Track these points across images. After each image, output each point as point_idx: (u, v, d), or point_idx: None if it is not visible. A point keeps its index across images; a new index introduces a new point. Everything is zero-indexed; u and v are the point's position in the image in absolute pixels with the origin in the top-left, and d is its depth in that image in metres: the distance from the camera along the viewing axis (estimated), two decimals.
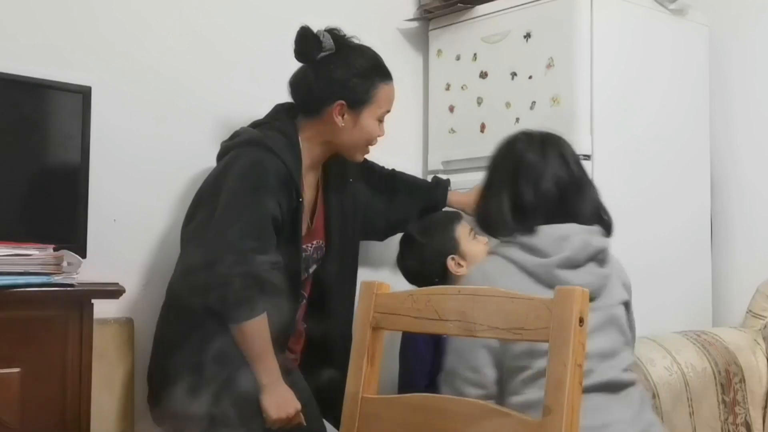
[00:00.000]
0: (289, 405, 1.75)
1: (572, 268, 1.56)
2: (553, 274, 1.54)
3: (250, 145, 1.81)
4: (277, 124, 1.88)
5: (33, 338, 1.50)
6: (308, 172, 1.93)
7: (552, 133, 1.73)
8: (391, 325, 1.37)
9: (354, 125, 1.89)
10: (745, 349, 2.16)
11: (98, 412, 1.65)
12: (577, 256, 1.57)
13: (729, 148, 2.53)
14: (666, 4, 2.33)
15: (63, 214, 1.78)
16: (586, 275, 1.56)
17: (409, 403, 1.32)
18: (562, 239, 1.57)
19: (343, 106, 1.87)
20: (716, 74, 2.51)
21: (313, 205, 1.98)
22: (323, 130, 1.90)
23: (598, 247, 1.60)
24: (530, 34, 2.24)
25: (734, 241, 2.52)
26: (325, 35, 1.86)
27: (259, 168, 1.76)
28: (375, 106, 1.89)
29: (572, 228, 1.60)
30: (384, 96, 1.91)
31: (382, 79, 1.91)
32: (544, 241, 1.57)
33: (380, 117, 1.92)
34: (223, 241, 1.69)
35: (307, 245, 1.93)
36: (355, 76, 1.87)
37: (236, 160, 1.79)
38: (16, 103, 1.74)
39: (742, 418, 2.09)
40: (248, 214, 1.72)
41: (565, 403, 1.09)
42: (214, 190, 1.78)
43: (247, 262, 1.68)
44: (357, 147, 1.94)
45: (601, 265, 1.61)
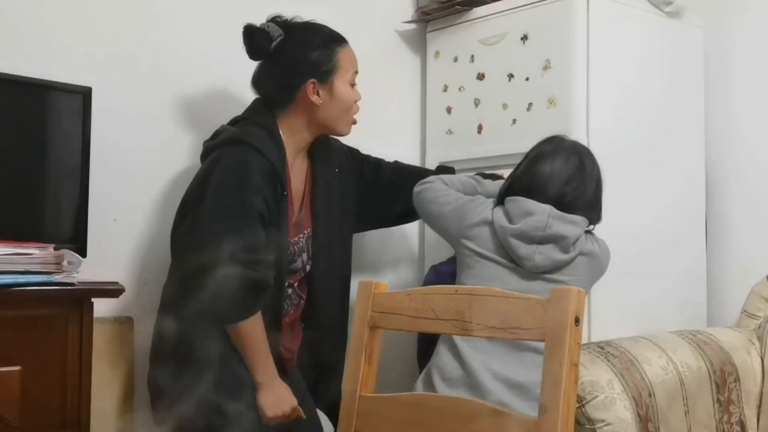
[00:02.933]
0: (286, 402, 1.76)
1: (525, 242, 1.76)
2: (506, 239, 1.78)
3: (231, 144, 1.80)
4: (256, 118, 1.87)
5: (33, 337, 1.51)
6: (295, 160, 1.92)
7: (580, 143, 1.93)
8: (389, 324, 1.38)
9: (330, 97, 1.88)
10: (740, 348, 2.17)
11: (98, 410, 1.65)
12: (531, 233, 1.76)
13: (724, 150, 2.54)
14: (661, 6, 2.34)
15: (63, 213, 1.79)
16: (537, 254, 1.76)
17: (407, 402, 1.33)
18: (527, 213, 1.77)
19: (314, 83, 1.86)
20: (711, 76, 2.52)
21: (302, 194, 1.96)
22: (303, 114, 1.89)
23: (559, 232, 1.76)
24: (527, 36, 2.25)
25: (729, 242, 2.53)
26: (270, 25, 1.86)
27: (242, 166, 1.75)
28: (342, 71, 1.89)
29: (541, 208, 1.77)
30: (346, 59, 1.91)
31: (338, 44, 1.90)
32: (513, 210, 1.80)
33: (351, 80, 1.92)
34: (213, 243, 1.68)
35: (299, 236, 1.91)
36: (313, 51, 1.87)
37: (219, 160, 1.78)
38: (17, 103, 1.75)
39: (737, 417, 2.10)
40: (236, 214, 1.72)
41: (561, 401, 1.09)
42: (200, 193, 1.77)
43: (238, 262, 1.68)
44: (340, 118, 1.92)
45: (564, 251, 1.77)
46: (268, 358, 1.76)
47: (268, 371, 1.76)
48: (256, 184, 1.75)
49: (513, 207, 1.80)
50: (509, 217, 1.80)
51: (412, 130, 2.60)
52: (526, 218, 1.76)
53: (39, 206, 1.78)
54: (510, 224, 1.78)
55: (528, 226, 1.76)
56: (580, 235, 1.80)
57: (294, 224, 1.90)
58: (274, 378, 1.77)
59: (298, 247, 1.91)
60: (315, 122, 1.90)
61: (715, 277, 2.50)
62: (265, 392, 1.75)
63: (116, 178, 1.98)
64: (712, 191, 2.52)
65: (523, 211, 1.78)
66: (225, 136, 1.83)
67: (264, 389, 1.75)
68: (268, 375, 1.76)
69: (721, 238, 2.54)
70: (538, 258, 1.76)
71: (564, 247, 1.77)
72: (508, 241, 1.77)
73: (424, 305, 1.30)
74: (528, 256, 1.76)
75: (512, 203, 1.81)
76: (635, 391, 1.87)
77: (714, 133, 2.53)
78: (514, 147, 2.20)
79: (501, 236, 1.79)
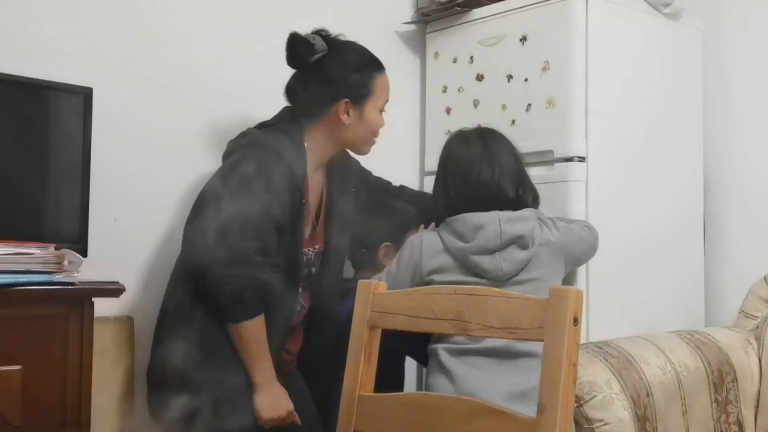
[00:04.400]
0: (281, 406, 1.77)
1: (485, 254, 1.77)
2: (468, 258, 1.77)
3: (255, 147, 1.82)
4: (283, 126, 1.89)
5: (34, 336, 1.52)
6: (314, 173, 1.94)
7: (485, 128, 1.94)
8: (388, 324, 1.38)
9: (359, 120, 1.91)
10: (737, 348, 2.18)
11: (98, 409, 1.65)
12: (489, 245, 1.76)
13: (722, 151, 2.55)
14: (660, 8, 2.35)
15: (64, 213, 1.80)
16: (502, 261, 1.76)
17: (406, 401, 1.33)
18: (478, 228, 1.77)
19: (347, 103, 1.88)
20: (710, 77, 2.53)
21: (318, 208, 1.99)
22: (329, 130, 1.91)
23: (514, 234, 1.77)
24: (526, 37, 2.26)
25: (727, 243, 2.54)
26: (316, 38, 1.87)
27: (263, 170, 1.77)
28: (375, 97, 1.92)
29: (489, 217, 1.78)
30: (381, 86, 1.94)
31: (377, 70, 1.93)
32: (463, 228, 1.79)
33: (381, 107, 1.95)
34: (224, 242, 1.70)
35: (310, 249, 1.93)
36: (352, 72, 1.89)
37: (241, 161, 1.80)
38: (18, 103, 1.75)
39: (735, 417, 2.11)
40: (251, 215, 1.73)
41: (560, 401, 1.10)
42: (218, 190, 1.79)
43: (247, 262, 1.70)
44: (364, 141, 1.96)
45: (524, 248, 1.78)
46: (267, 361, 1.77)
47: (266, 373, 1.77)
48: (275, 188, 1.77)
49: (460, 226, 1.79)
50: (461, 237, 1.79)
51: (411, 130, 2.60)
52: (479, 232, 1.76)
53: (40, 206, 1.78)
54: (465, 243, 1.77)
55: (484, 239, 1.76)
56: (534, 227, 1.79)
57: (308, 237, 1.92)
58: (272, 380, 1.78)
59: (307, 258, 1.93)
60: (339, 140, 1.93)
61: (713, 278, 2.51)
62: (262, 394, 1.76)
63: (117, 178, 1.98)
64: (710, 192, 2.53)
65: (473, 226, 1.77)
66: (250, 138, 1.85)
67: (261, 391, 1.76)
68: (266, 377, 1.77)
69: (719, 239, 2.55)
70: (504, 265, 1.75)
71: (523, 245, 1.77)
72: (470, 260, 1.77)
73: (424, 305, 1.31)
74: (494, 267, 1.76)
75: (457, 222, 1.80)
76: (633, 391, 1.87)
77: (712, 134, 2.54)
78: None
79: (461, 258, 1.78)
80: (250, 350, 1.75)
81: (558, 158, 2.16)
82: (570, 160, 2.14)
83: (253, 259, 1.71)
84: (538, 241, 1.79)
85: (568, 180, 2.14)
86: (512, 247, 1.77)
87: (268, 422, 1.76)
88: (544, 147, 2.18)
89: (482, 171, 1.83)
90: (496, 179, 1.82)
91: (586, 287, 2.09)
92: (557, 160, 2.16)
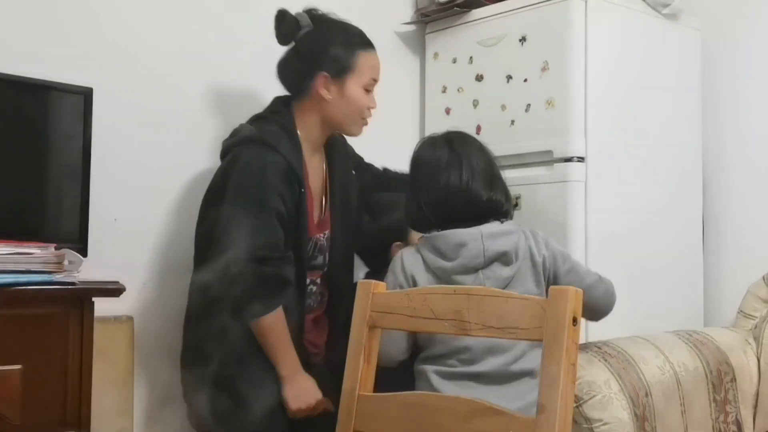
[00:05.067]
0: (310, 395, 1.77)
1: (468, 273, 1.69)
2: (451, 278, 1.69)
3: (248, 143, 1.82)
4: (273, 116, 1.89)
5: (34, 336, 1.52)
6: (312, 157, 1.93)
7: (453, 131, 1.85)
8: (388, 323, 1.39)
9: (341, 96, 1.88)
10: (736, 348, 2.18)
11: (98, 408, 1.66)
12: (472, 263, 1.69)
13: (720, 152, 2.56)
14: (659, 8, 2.35)
15: (64, 213, 1.80)
16: (485, 279, 1.68)
17: (405, 401, 1.33)
18: (460, 246, 1.69)
19: (326, 77, 1.87)
20: (708, 78, 2.53)
21: (323, 193, 1.97)
22: (314, 107, 1.90)
23: (497, 251, 1.69)
24: (525, 37, 2.26)
25: (725, 243, 2.54)
26: (302, 15, 1.88)
27: (258, 165, 1.78)
28: (357, 74, 1.89)
29: (471, 234, 1.69)
30: (366, 63, 1.90)
31: (362, 47, 1.91)
32: (444, 246, 1.71)
33: (367, 86, 1.91)
34: (233, 241, 1.71)
35: (321, 235, 1.93)
36: (334, 46, 1.88)
37: (237, 159, 1.80)
38: (19, 103, 1.75)
39: (733, 417, 2.11)
40: (254, 212, 1.74)
41: (559, 401, 1.10)
42: (220, 190, 1.80)
43: (258, 259, 1.71)
44: (350, 119, 1.91)
45: (505, 264, 1.71)
46: (291, 352, 1.78)
47: (291, 365, 1.77)
48: (273, 182, 1.77)
49: (442, 243, 1.71)
50: (443, 255, 1.71)
51: (411, 130, 2.61)
52: (461, 250, 1.69)
53: (40, 206, 1.79)
54: (448, 262, 1.70)
55: (467, 258, 1.68)
56: (518, 241, 1.72)
57: (317, 222, 1.92)
58: (298, 371, 1.78)
59: (320, 244, 1.93)
60: (324, 118, 1.91)
61: (712, 278, 2.52)
62: (289, 385, 1.76)
63: (117, 178, 1.99)
64: (709, 192, 2.53)
65: (455, 244, 1.69)
66: (242, 135, 1.85)
67: (288, 383, 1.76)
68: (292, 368, 1.77)
69: (717, 239, 2.55)
70: (487, 283, 1.67)
71: (506, 261, 1.70)
72: (453, 280, 1.68)
73: (423, 305, 1.31)
74: (478, 285, 1.66)
75: (438, 240, 1.71)
76: (632, 391, 1.88)
77: (711, 134, 2.54)
78: (512, 148, 2.21)
79: (444, 278, 1.69)
80: (273, 344, 1.76)
81: (557, 158, 2.16)
82: (569, 161, 2.14)
83: (261, 255, 1.72)
84: (522, 256, 1.72)
85: (568, 180, 2.14)
86: (496, 264, 1.70)
87: (298, 413, 1.76)
88: (544, 147, 2.18)
89: (451, 175, 1.73)
90: (464, 183, 1.73)
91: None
92: (556, 161, 2.17)
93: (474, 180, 1.74)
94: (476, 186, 1.73)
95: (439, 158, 1.76)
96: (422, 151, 1.82)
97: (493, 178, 1.78)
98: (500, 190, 1.78)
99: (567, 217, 2.12)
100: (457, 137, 1.82)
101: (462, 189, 1.73)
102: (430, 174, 1.76)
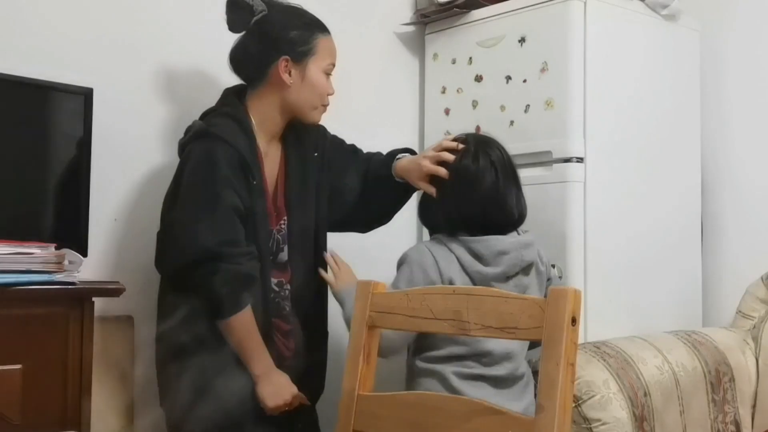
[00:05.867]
0: (286, 390, 1.75)
1: (503, 281, 1.73)
2: (488, 284, 1.70)
3: (199, 138, 1.77)
4: (224, 109, 1.84)
5: (35, 335, 1.52)
6: (269, 147, 1.88)
7: (485, 137, 1.85)
8: (387, 323, 1.39)
9: (302, 80, 1.84)
10: (734, 348, 2.19)
11: (98, 408, 1.66)
12: (510, 272, 1.73)
13: (719, 151, 2.56)
14: (658, 9, 2.36)
15: (64, 213, 1.80)
16: (513, 287, 1.72)
17: (405, 401, 1.34)
18: (502, 253, 1.72)
19: (288, 61, 1.82)
20: (707, 78, 2.54)
21: (276, 181, 1.91)
22: (273, 94, 1.85)
23: (528, 261, 1.76)
24: (525, 38, 2.27)
25: (724, 243, 2.55)
26: (255, 0, 1.83)
27: (210, 160, 1.73)
28: (318, 57, 1.85)
29: (512, 244, 1.74)
30: (325, 47, 1.87)
31: (320, 30, 1.87)
32: (486, 252, 1.72)
33: (326, 70, 1.87)
34: (192, 241, 1.68)
35: (279, 225, 1.88)
36: (294, 29, 1.84)
37: (189, 156, 1.76)
38: (19, 103, 1.75)
39: (732, 417, 2.12)
40: (210, 209, 1.70)
41: (558, 400, 1.11)
42: (175, 191, 1.76)
43: (221, 257, 1.67)
44: (310, 104, 1.87)
45: (526, 274, 1.77)
46: (262, 350, 1.74)
47: (264, 363, 1.74)
48: (226, 176, 1.73)
49: (482, 248, 1.73)
50: (482, 260, 1.72)
51: (410, 131, 2.61)
52: (502, 258, 1.72)
53: (41, 206, 1.79)
54: (488, 268, 1.72)
55: (507, 266, 1.72)
56: (537, 252, 1.80)
57: (276, 213, 1.87)
58: (271, 369, 1.75)
59: (281, 235, 1.87)
60: (285, 105, 1.86)
61: (711, 278, 2.52)
62: (263, 384, 1.73)
63: (117, 178, 1.99)
64: (707, 193, 2.54)
65: (497, 251, 1.72)
66: (193, 130, 1.80)
67: (262, 381, 1.73)
68: (265, 366, 1.74)
69: (716, 240, 2.56)
70: (514, 291, 1.68)
71: (528, 271, 1.78)
72: (490, 285, 1.68)
73: (422, 305, 1.32)
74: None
75: (479, 244, 1.73)
76: (631, 391, 1.88)
77: (710, 135, 2.55)
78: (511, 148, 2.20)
79: (479, 281, 1.71)
80: (243, 343, 1.72)
81: (556, 159, 2.17)
82: (568, 161, 2.15)
83: (221, 252, 1.68)
84: (536, 268, 1.79)
85: (567, 181, 2.15)
86: (520, 275, 1.76)
87: (275, 410, 1.73)
88: (543, 148, 2.19)
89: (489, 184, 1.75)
90: (501, 193, 1.76)
91: (585, 287, 2.10)
92: (555, 161, 2.17)
93: (509, 190, 1.77)
94: (510, 197, 1.77)
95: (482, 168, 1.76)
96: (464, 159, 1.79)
97: (519, 189, 1.81)
98: (523, 199, 1.82)
99: (566, 218, 2.13)
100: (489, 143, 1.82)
101: (498, 198, 1.76)
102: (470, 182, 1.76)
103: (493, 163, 1.77)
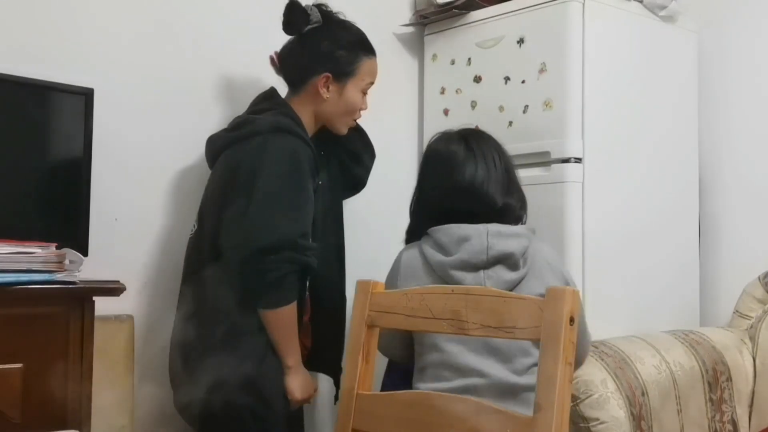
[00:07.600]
0: (310, 386, 1.82)
1: (468, 270, 1.60)
2: (449, 273, 1.60)
3: (276, 131, 1.79)
4: (283, 109, 1.88)
5: (35, 334, 1.52)
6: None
7: (469, 128, 1.83)
8: (386, 323, 1.39)
9: (339, 97, 1.91)
10: (732, 348, 2.20)
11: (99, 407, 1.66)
12: (474, 259, 1.59)
13: (717, 152, 2.57)
14: (656, 11, 2.36)
15: (65, 213, 1.80)
16: (486, 279, 1.59)
17: (404, 400, 1.34)
18: (463, 240, 1.61)
19: (328, 78, 1.89)
20: (705, 79, 2.54)
21: None
22: (310, 103, 1.91)
23: (503, 251, 1.60)
24: (523, 39, 2.27)
25: (722, 243, 2.55)
26: (313, 9, 1.89)
27: (294, 153, 1.77)
28: (359, 78, 1.92)
29: (476, 230, 1.61)
30: (367, 69, 1.93)
31: (366, 53, 1.93)
32: (446, 239, 1.63)
33: (364, 89, 1.94)
34: (272, 228, 1.69)
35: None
36: (340, 48, 1.89)
37: (267, 146, 1.77)
38: (20, 104, 1.75)
39: (729, 416, 2.12)
40: (294, 200, 1.74)
41: (556, 400, 1.11)
42: (250, 177, 1.74)
43: (296, 248, 1.70)
44: (341, 118, 1.94)
45: (513, 269, 1.61)
46: (297, 343, 1.79)
47: (297, 356, 1.79)
48: (306, 171, 1.78)
49: (443, 236, 1.63)
50: (443, 249, 1.63)
51: (409, 132, 2.62)
52: (464, 245, 1.60)
53: (41, 206, 1.79)
54: (446, 257, 1.61)
55: (468, 253, 1.59)
56: (526, 246, 1.63)
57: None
58: (300, 363, 1.80)
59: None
60: (318, 114, 1.93)
61: (708, 278, 2.53)
62: (294, 376, 1.77)
63: (117, 178, 1.99)
64: (705, 193, 2.54)
65: (458, 237, 1.61)
66: (265, 123, 1.81)
67: (294, 373, 1.77)
68: (297, 359, 1.79)
69: (714, 239, 2.56)
70: (488, 283, 1.57)
71: (512, 265, 1.61)
72: (451, 276, 1.59)
73: (421, 304, 1.32)
74: (477, 285, 1.56)
75: (440, 232, 1.64)
76: (629, 390, 1.89)
77: (707, 135, 2.56)
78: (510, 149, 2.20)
79: (441, 273, 1.60)
80: (285, 334, 1.75)
81: (555, 159, 2.17)
82: (567, 161, 2.15)
83: (298, 243, 1.71)
84: (530, 261, 1.63)
85: (565, 181, 2.15)
86: (499, 266, 1.60)
87: (301, 402, 1.80)
88: (541, 148, 2.20)
89: (465, 173, 1.67)
90: (480, 182, 1.66)
91: (582, 287, 2.10)
92: (554, 161, 2.18)
93: (490, 182, 1.68)
94: (493, 189, 1.68)
95: (453, 153, 1.71)
96: (436, 144, 1.80)
97: (511, 183, 1.73)
98: (516, 195, 1.73)
99: (564, 218, 2.13)
100: (473, 134, 1.80)
101: (475, 188, 1.66)
102: (441, 167, 1.71)
103: (470, 147, 1.71)
